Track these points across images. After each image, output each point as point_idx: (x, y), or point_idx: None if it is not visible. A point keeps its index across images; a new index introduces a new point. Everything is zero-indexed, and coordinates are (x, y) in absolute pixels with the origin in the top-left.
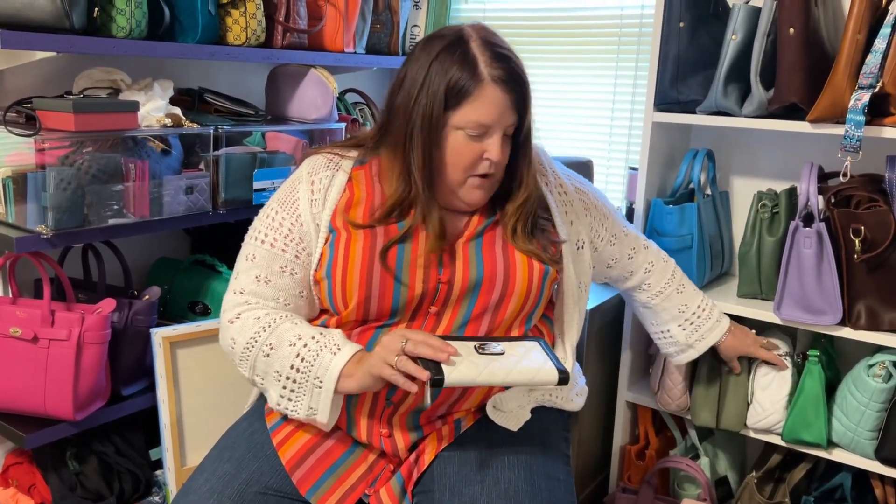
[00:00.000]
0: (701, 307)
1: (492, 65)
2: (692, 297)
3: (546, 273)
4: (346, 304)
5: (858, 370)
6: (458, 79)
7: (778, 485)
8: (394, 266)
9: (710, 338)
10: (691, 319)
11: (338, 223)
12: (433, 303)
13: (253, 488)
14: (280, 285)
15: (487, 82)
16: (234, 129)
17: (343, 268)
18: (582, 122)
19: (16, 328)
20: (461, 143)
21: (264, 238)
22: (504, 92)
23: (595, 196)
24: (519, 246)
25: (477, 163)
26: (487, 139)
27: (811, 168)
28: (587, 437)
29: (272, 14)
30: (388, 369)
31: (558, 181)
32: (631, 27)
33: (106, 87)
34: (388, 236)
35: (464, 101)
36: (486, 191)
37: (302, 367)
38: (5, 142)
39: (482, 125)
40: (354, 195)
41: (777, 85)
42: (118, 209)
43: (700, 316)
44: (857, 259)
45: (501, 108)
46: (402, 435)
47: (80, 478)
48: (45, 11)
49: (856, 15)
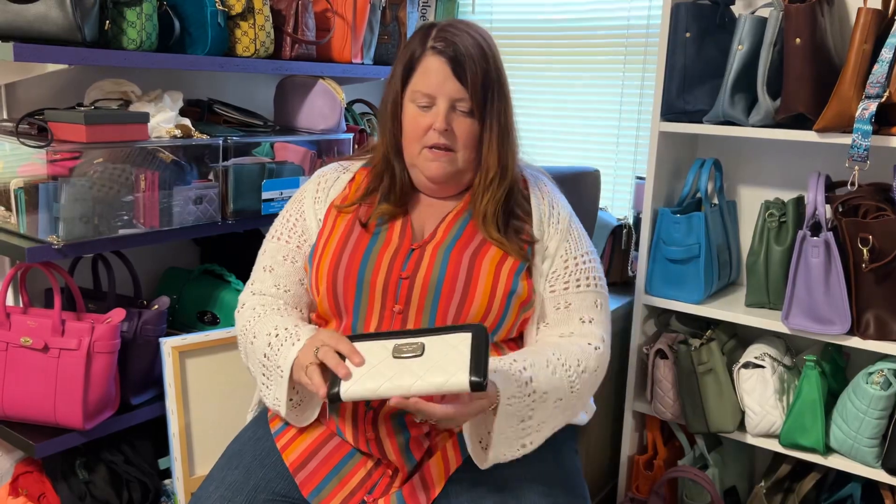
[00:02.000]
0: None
1: (436, 38)
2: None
3: (512, 291)
4: (318, 291)
5: (858, 378)
6: (410, 55)
7: (787, 495)
8: (361, 255)
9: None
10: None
11: (329, 216)
12: (396, 300)
13: (262, 495)
14: (281, 273)
15: (428, 53)
16: (243, 140)
17: (320, 256)
18: (589, 131)
19: (27, 338)
20: (412, 115)
21: (274, 234)
22: (442, 61)
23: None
24: (489, 233)
25: (426, 132)
26: (434, 109)
27: (818, 177)
28: (595, 446)
29: (281, 25)
30: (304, 376)
31: (555, 203)
32: (637, 37)
33: (117, 99)
34: (367, 215)
35: (412, 74)
36: (443, 164)
37: (270, 354)
38: (18, 153)
39: (425, 95)
40: (352, 191)
41: (784, 94)
42: (128, 219)
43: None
44: (866, 268)
45: (441, 77)
46: (389, 438)
47: (89, 487)
48: (57, 24)
49: (862, 25)
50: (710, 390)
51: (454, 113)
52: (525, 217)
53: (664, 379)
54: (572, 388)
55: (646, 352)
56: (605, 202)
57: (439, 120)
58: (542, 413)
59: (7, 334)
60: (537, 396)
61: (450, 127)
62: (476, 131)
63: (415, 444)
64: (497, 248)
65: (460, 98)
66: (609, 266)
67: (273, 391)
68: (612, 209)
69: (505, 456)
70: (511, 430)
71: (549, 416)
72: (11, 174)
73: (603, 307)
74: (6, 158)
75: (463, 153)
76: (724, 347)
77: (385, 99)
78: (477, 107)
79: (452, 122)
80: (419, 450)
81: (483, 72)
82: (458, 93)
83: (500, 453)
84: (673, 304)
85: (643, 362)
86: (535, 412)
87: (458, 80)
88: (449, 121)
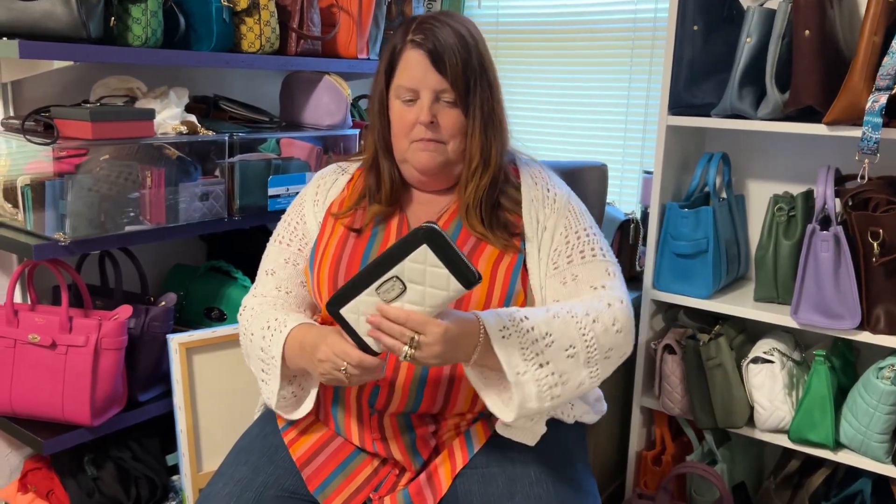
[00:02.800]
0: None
1: (415, 32)
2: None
3: (510, 294)
4: (320, 295)
5: (868, 373)
6: (391, 50)
7: (796, 491)
8: (360, 257)
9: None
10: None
11: (328, 219)
12: None
13: (270, 491)
14: (283, 275)
15: (408, 47)
16: (249, 136)
17: (320, 260)
18: (596, 126)
19: (34, 335)
20: (398, 111)
21: (276, 237)
22: (420, 53)
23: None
24: (472, 227)
25: (413, 127)
26: (418, 103)
27: (828, 171)
28: (603, 442)
29: (286, 21)
30: (318, 365)
31: (550, 186)
32: (644, 31)
33: (122, 96)
34: (362, 221)
35: (395, 70)
36: (433, 153)
37: (265, 346)
38: (24, 150)
39: (408, 89)
40: (350, 192)
41: (793, 87)
42: (134, 216)
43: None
44: (876, 262)
45: (421, 70)
46: (395, 438)
47: (97, 483)
48: (63, 21)
49: (872, 16)
50: (719, 385)
51: (438, 104)
52: (513, 207)
53: (672, 374)
54: (584, 337)
55: (654, 347)
56: (613, 197)
57: (424, 113)
58: (558, 362)
59: (15, 331)
60: (538, 336)
61: (435, 119)
62: (462, 121)
63: (421, 442)
64: (493, 246)
65: (442, 89)
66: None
67: (270, 384)
68: (619, 204)
69: (533, 405)
70: (528, 371)
71: (569, 367)
72: (18, 171)
73: (615, 275)
74: (13, 156)
75: (452, 143)
76: (733, 342)
77: (371, 97)
78: (460, 97)
79: (438, 113)
80: (426, 448)
81: (463, 61)
82: (439, 84)
83: (526, 400)
84: (681, 299)
85: (651, 357)
86: (548, 358)
87: (437, 71)
88: (434, 112)
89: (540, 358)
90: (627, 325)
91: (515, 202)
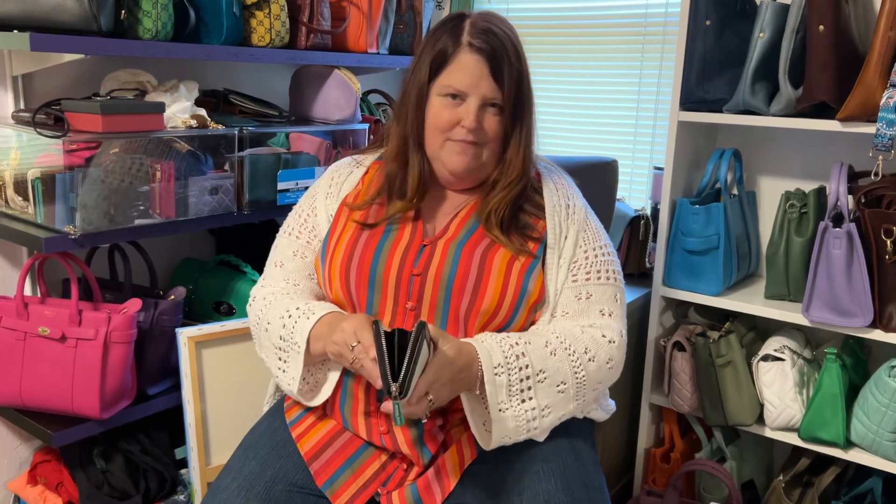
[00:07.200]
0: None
1: (473, 34)
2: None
3: (523, 293)
4: (331, 288)
5: (880, 371)
6: (443, 48)
7: (806, 489)
8: (373, 252)
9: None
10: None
11: (341, 213)
12: (409, 297)
13: (279, 486)
14: (291, 268)
15: (464, 49)
16: (259, 130)
17: (332, 253)
18: (606, 121)
19: (44, 327)
20: (439, 108)
21: (286, 229)
22: (479, 59)
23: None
24: (489, 229)
25: (452, 127)
26: (464, 106)
27: (841, 167)
28: (611, 439)
29: (296, 15)
30: (332, 345)
31: (571, 195)
32: (655, 25)
33: (132, 89)
34: (378, 216)
35: (444, 68)
36: (468, 157)
37: (285, 335)
38: (34, 143)
39: (456, 90)
40: (365, 186)
41: (806, 83)
42: (144, 210)
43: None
44: (889, 260)
45: (476, 76)
46: (402, 432)
47: (106, 476)
48: (74, 14)
49: (887, 12)
50: (729, 383)
51: (483, 109)
52: (536, 211)
53: (682, 371)
54: (576, 375)
55: (663, 344)
56: (623, 193)
57: (470, 118)
58: (545, 396)
59: (25, 324)
60: (532, 373)
61: (479, 124)
62: (504, 129)
63: (429, 437)
64: (506, 249)
65: (494, 98)
66: (626, 257)
67: (290, 371)
68: (629, 200)
69: (509, 438)
70: (511, 407)
71: (555, 401)
72: (28, 164)
73: (621, 302)
74: (23, 149)
75: (488, 148)
76: (743, 340)
77: (408, 90)
78: (509, 107)
79: (482, 118)
80: (434, 443)
81: (518, 73)
82: (493, 93)
83: (503, 433)
84: (691, 296)
85: (660, 354)
86: (535, 393)
87: (494, 80)
88: (479, 118)
89: (525, 394)
90: (620, 361)
91: (538, 206)
